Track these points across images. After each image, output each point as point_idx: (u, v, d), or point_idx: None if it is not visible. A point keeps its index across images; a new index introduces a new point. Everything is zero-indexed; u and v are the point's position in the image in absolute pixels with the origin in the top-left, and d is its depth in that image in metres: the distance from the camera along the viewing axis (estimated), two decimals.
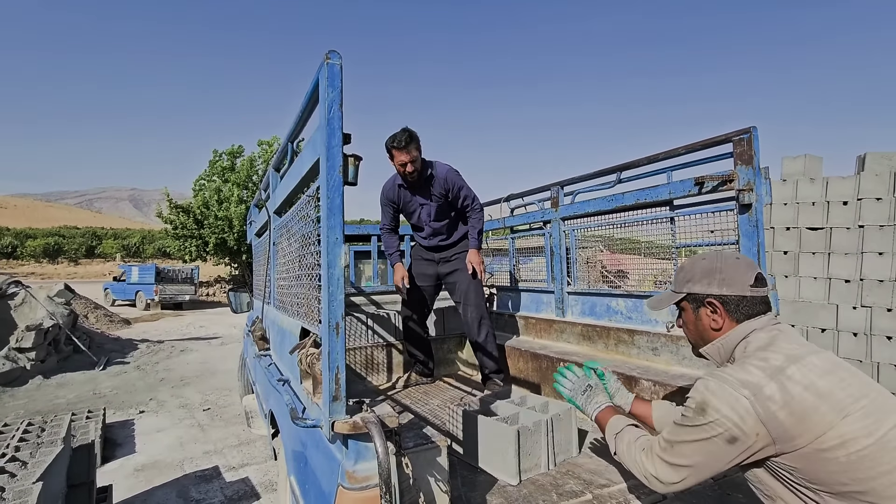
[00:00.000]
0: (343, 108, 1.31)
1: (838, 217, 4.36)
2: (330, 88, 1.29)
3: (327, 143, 1.29)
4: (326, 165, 1.30)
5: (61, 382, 6.70)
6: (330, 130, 1.29)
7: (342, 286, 1.29)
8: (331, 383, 1.27)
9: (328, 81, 1.29)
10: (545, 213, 3.60)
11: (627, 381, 2.47)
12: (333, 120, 1.29)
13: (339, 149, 1.30)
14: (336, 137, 1.30)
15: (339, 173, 1.29)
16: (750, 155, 2.21)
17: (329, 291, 1.28)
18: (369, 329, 3.73)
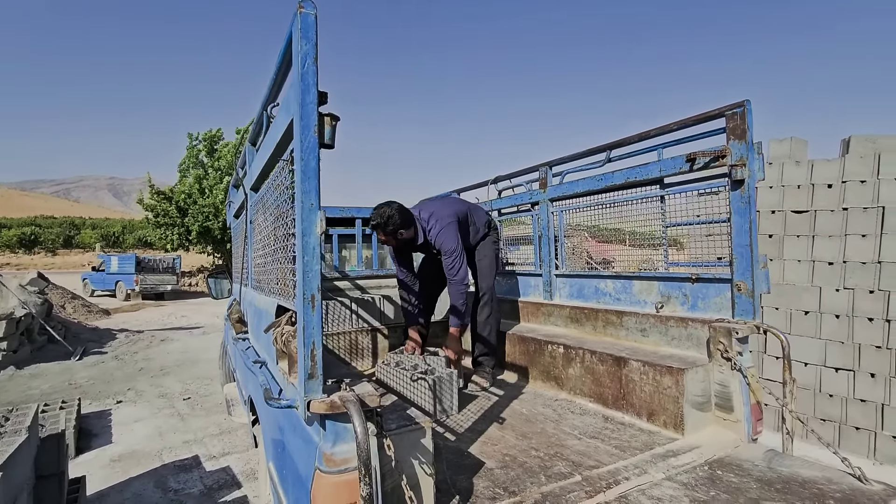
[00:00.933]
0: (318, 62, 1.21)
1: (823, 200, 4.37)
2: (304, 41, 1.19)
3: (301, 100, 1.19)
4: (301, 125, 1.20)
5: (35, 373, 6.49)
6: (304, 87, 1.19)
7: (318, 256, 1.19)
8: (306, 360, 1.18)
9: (302, 33, 1.19)
10: (533, 195, 3.52)
11: (616, 363, 2.42)
12: (308, 75, 1.19)
13: (313, 107, 1.20)
14: (311, 94, 1.19)
15: (314, 134, 1.19)
16: (743, 129, 2.15)
17: (304, 261, 1.19)
18: (353, 314, 3.63)
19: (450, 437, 2.22)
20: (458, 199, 3.42)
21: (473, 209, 3.25)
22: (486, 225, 3.23)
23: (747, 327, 2.11)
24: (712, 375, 2.19)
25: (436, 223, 2.86)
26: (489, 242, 3.20)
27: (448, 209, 2.96)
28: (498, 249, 3.27)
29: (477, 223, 3.20)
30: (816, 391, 4.30)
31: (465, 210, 3.14)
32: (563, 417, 2.44)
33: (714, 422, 2.19)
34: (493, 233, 3.26)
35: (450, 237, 2.81)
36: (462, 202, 3.33)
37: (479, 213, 3.27)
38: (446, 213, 2.89)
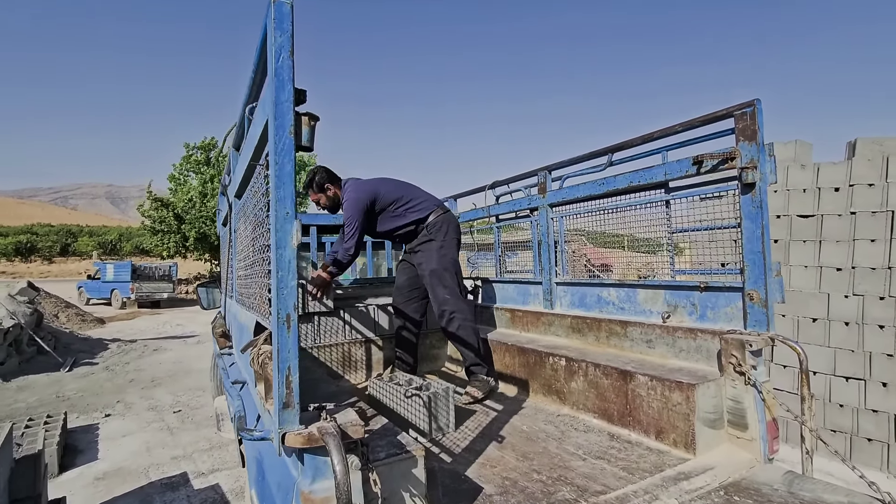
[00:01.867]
0: (294, 56, 1.09)
1: (830, 204, 4.26)
2: (278, 32, 1.07)
3: (275, 97, 1.07)
4: (275, 125, 1.07)
5: (22, 385, 6.33)
6: (278, 83, 1.07)
7: (294, 270, 1.07)
8: (280, 387, 1.05)
9: (276, 24, 1.07)
10: (532, 200, 3.41)
11: (622, 377, 2.29)
12: (282, 70, 1.07)
13: (289, 105, 1.08)
14: (285, 91, 1.07)
15: (289, 134, 1.07)
16: (753, 130, 2.04)
17: (279, 277, 1.06)
18: (347, 324, 3.50)
19: (445, 459, 2.09)
20: (397, 184, 3.13)
21: (415, 198, 3.03)
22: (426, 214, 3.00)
23: (761, 339, 1.98)
24: (724, 391, 2.07)
25: (345, 193, 2.93)
26: (431, 247, 2.97)
27: (364, 185, 2.95)
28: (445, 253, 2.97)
29: (412, 213, 3.00)
30: (826, 401, 4.18)
31: (398, 196, 2.99)
32: (566, 435, 2.30)
33: (727, 440, 2.06)
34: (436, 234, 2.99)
35: (347, 209, 2.87)
36: (401, 188, 3.07)
37: (425, 206, 3.02)
38: (357, 188, 2.91)
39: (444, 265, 2.97)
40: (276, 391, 1.08)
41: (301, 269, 3.90)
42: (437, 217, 3.02)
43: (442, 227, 3.01)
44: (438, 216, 3.03)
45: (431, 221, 3.01)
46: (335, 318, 3.46)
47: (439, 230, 3.00)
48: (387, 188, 3.01)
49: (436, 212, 3.04)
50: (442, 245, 2.99)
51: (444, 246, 2.99)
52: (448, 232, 3.02)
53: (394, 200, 2.99)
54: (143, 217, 20.53)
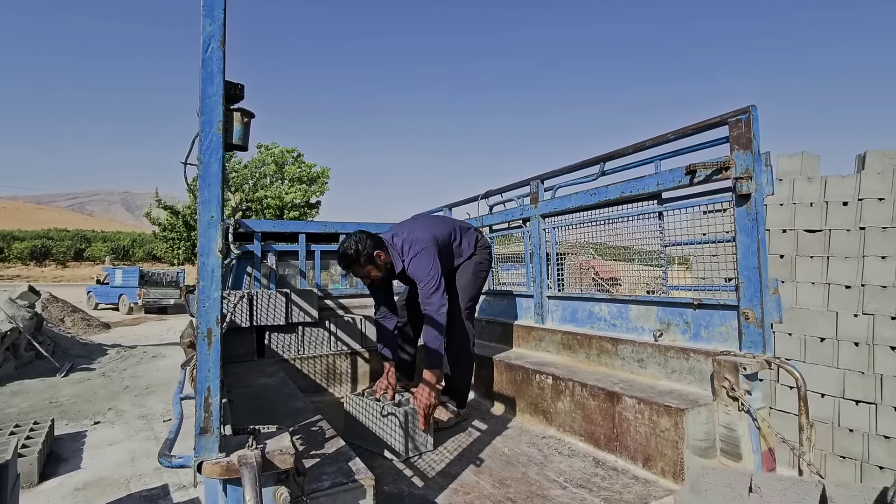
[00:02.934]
0: (226, 46, 1.00)
1: (838, 218, 4.09)
2: (207, 20, 0.99)
3: (203, 91, 0.98)
4: (202, 120, 0.99)
5: (16, 390, 6.29)
6: (206, 74, 0.99)
7: (218, 280, 0.97)
8: (199, 410, 0.95)
9: (205, 10, 0.99)
10: (524, 210, 3.30)
11: (609, 398, 2.16)
12: (210, 61, 0.99)
13: (217, 99, 0.99)
14: (214, 84, 0.99)
15: (217, 131, 0.98)
16: (748, 138, 1.92)
17: (201, 287, 0.96)
18: (332, 335, 3.40)
19: (417, 483, 1.96)
20: (440, 218, 3.04)
21: (462, 229, 2.92)
22: (474, 245, 2.92)
23: (756, 362, 1.84)
24: (717, 416, 1.92)
25: (410, 248, 2.53)
26: (472, 263, 2.88)
27: (424, 231, 2.62)
28: (482, 270, 2.91)
29: (464, 245, 2.88)
30: (835, 425, 3.97)
31: (449, 231, 2.79)
32: (548, 459, 2.17)
33: None
34: (481, 252, 2.92)
35: (423, 264, 2.46)
36: (445, 221, 2.96)
37: (469, 232, 2.95)
38: (422, 237, 2.55)
39: (475, 283, 2.87)
40: (196, 414, 0.98)
41: (289, 277, 3.82)
42: (482, 240, 2.98)
43: (485, 249, 2.96)
44: (482, 239, 2.99)
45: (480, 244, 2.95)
46: (320, 328, 3.37)
47: (485, 249, 2.95)
48: (438, 229, 2.74)
49: (479, 238, 2.98)
50: (481, 262, 2.91)
51: (482, 263, 2.91)
52: (488, 255, 2.97)
53: (448, 239, 2.78)
54: (152, 224, 20.75)
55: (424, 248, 2.51)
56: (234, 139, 1.01)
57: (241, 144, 1.03)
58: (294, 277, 3.87)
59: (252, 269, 3.52)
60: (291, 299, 3.23)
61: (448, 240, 2.76)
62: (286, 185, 20.22)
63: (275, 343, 3.19)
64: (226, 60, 1.01)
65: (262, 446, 1.01)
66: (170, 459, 1.06)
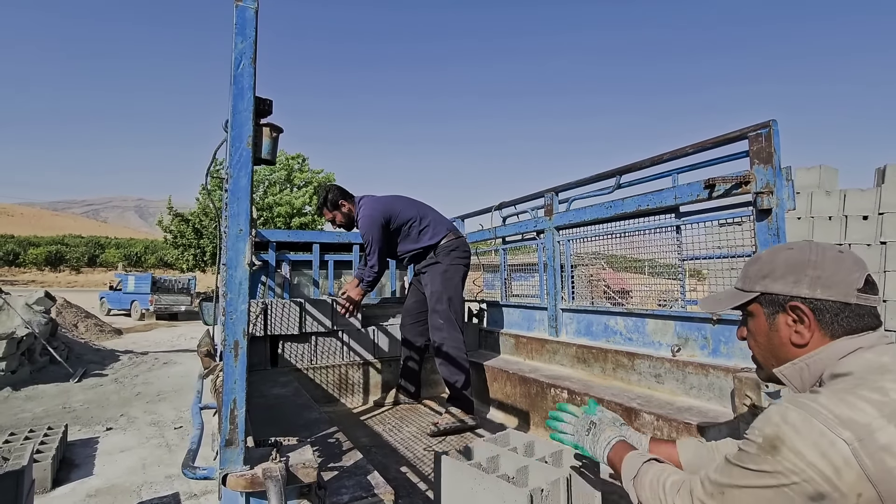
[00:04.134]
0: (256, 63, 1.02)
1: (857, 232, 4.03)
2: (239, 38, 1.01)
3: (233, 106, 1.00)
4: (232, 135, 1.00)
5: (31, 395, 6.36)
6: (237, 91, 1.00)
7: (245, 293, 0.98)
8: (224, 422, 0.95)
9: (237, 29, 1.01)
10: (538, 222, 3.29)
11: (626, 414, 2.13)
12: (242, 77, 1.01)
13: (248, 114, 1.00)
14: (245, 100, 1.01)
15: (247, 146, 1.00)
16: (769, 153, 1.91)
17: (228, 299, 0.97)
18: (345, 345, 3.41)
19: (431, 497, 1.94)
20: (411, 203, 3.07)
21: (431, 220, 2.99)
22: (438, 239, 2.93)
23: None
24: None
25: (361, 210, 2.94)
26: (436, 271, 2.89)
27: (378, 203, 2.93)
28: (451, 276, 2.88)
29: (424, 235, 2.94)
30: None
31: (412, 216, 2.95)
32: None
33: None
34: (446, 257, 2.90)
35: (364, 226, 2.88)
36: (415, 207, 3.02)
37: (437, 226, 2.97)
38: (373, 206, 2.89)
39: (445, 288, 2.88)
40: (223, 426, 0.99)
41: (301, 285, 3.84)
42: (448, 241, 2.96)
43: (452, 251, 2.94)
44: (450, 240, 2.96)
45: (442, 244, 2.94)
46: (333, 338, 3.37)
47: (447, 254, 2.93)
48: (401, 206, 2.97)
49: (447, 236, 2.98)
50: (446, 269, 2.91)
51: (448, 270, 2.91)
52: (456, 256, 2.95)
53: (408, 220, 2.94)
54: (164, 231, 21.05)
55: (368, 214, 2.87)
56: (262, 154, 1.03)
57: (269, 159, 1.04)
58: (307, 287, 3.89)
59: (266, 279, 3.55)
60: (305, 309, 3.25)
61: (406, 222, 2.95)
62: (296, 192, 20.45)
63: (288, 352, 3.20)
64: (256, 77, 1.02)
65: (285, 459, 1.01)
66: (194, 471, 1.06)
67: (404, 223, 2.94)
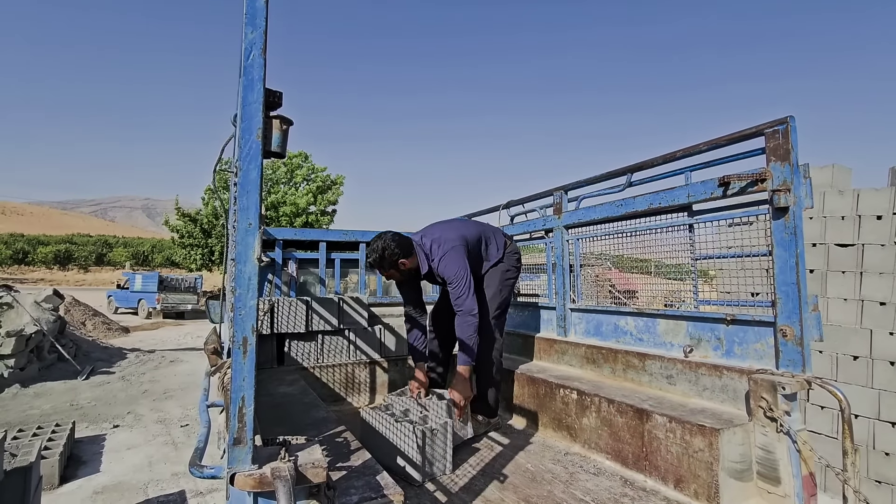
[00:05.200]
0: (266, 54, 1.00)
1: (871, 233, 3.96)
2: (249, 28, 0.99)
3: (243, 98, 0.98)
4: (241, 127, 0.98)
5: (39, 392, 6.40)
6: (247, 82, 0.98)
7: (254, 288, 0.96)
8: (233, 420, 0.93)
9: (247, 19, 0.99)
10: (547, 221, 3.26)
11: (638, 416, 2.09)
12: (252, 69, 0.98)
13: (257, 106, 0.98)
14: (255, 91, 0.98)
15: (256, 138, 0.98)
16: (786, 150, 1.87)
17: (237, 295, 0.95)
18: (351, 344, 3.39)
19: (440, 498, 1.92)
20: (468, 221, 3.03)
21: (490, 232, 2.87)
22: (502, 250, 2.85)
23: (796, 382, 1.77)
24: (753, 437, 1.85)
25: (438, 248, 2.56)
26: (498, 270, 2.81)
27: (453, 232, 2.64)
28: (510, 278, 2.84)
29: (492, 248, 2.82)
30: (870, 448, 3.81)
31: (478, 233, 2.77)
32: (574, 477, 2.11)
33: (756, 494, 1.83)
34: (509, 258, 2.85)
35: (453, 262, 2.50)
36: (474, 224, 2.94)
37: (497, 236, 2.88)
38: (451, 237, 2.59)
39: (501, 292, 2.79)
40: (231, 424, 0.96)
41: (308, 284, 3.83)
42: (511, 246, 2.90)
43: (514, 254, 2.89)
44: (511, 245, 2.91)
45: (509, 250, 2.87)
46: (340, 337, 3.35)
47: (511, 256, 2.87)
48: (467, 231, 2.74)
49: (506, 242, 2.91)
50: (508, 270, 2.83)
51: (509, 271, 2.84)
52: (517, 260, 2.89)
53: (477, 239, 2.76)
54: (171, 231, 21.14)
55: (453, 247, 2.54)
56: (272, 146, 1.01)
57: (279, 152, 1.02)
58: (314, 285, 3.87)
59: (273, 277, 3.53)
60: (312, 307, 3.23)
61: (476, 242, 2.73)
62: (300, 191, 20.47)
63: (294, 351, 3.19)
64: (266, 68, 1.00)
65: (294, 458, 0.99)
66: (201, 470, 1.04)
67: (475, 244, 2.73)
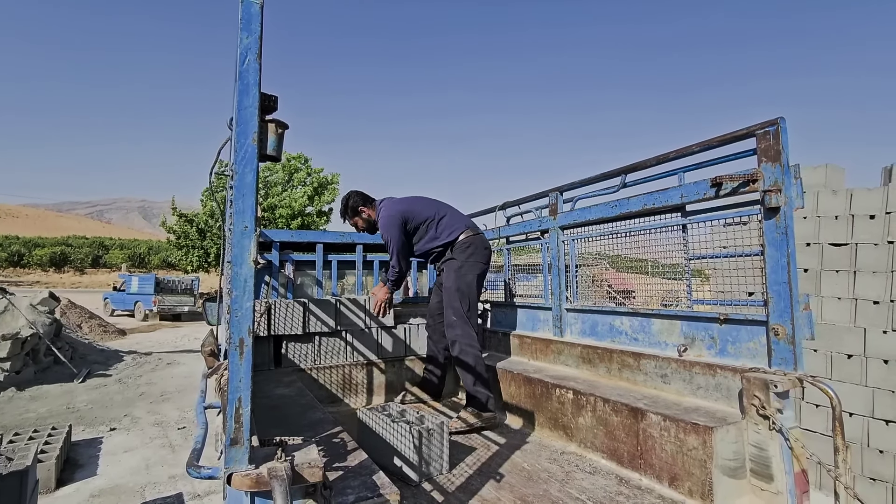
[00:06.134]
0: (262, 59, 1.01)
1: (864, 232, 4.00)
2: (244, 33, 1.00)
3: (239, 102, 0.99)
4: (237, 131, 0.99)
5: (35, 395, 6.38)
6: (242, 86, 0.99)
7: (251, 290, 0.97)
8: (230, 421, 0.94)
9: (243, 24, 1.00)
10: (542, 222, 3.28)
11: (633, 415, 2.11)
12: (247, 73, 1.00)
13: (253, 111, 0.99)
14: (250, 96, 1.00)
15: (252, 142, 0.99)
16: (777, 150, 1.89)
17: (233, 296, 0.96)
18: (348, 346, 3.39)
19: (436, 498, 1.93)
20: (429, 202, 3.11)
21: (449, 219, 3.00)
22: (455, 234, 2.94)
23: (788, 380, 1.79)
24: (746, 435, 1.87)
25: (381, 212, 3.02)
26: (451, 266, 2.91)
27: (398, 205, 3.01)
28: (466, 273, 2.87)
29: (442, 234, 2.95)
30: (864, 446, 3.84)
31: (429, 215, 2.99)
32: (570, 476, 2.12)
33: (749, 492, 1.85)
34: (459, 253, 2.90)
35: (384, 228, 2.95)
36: (432, 207, 3.05)
37: (454, 226, 2.97)
38: (392, 208, 2.99)
39: (459, 286, 2.87)
40: (227, 424, 0.97)
41: (304, 285, 3.83)
42: (465, 237, 2.96)
43: (467, 248, 2.93)
44: (467, 237, 2.96)
45: (459, 241, 2.95)
46: (337, 338, 3.36)
47: (463, 251, 2.92)
48: (420, 206, 3.04)
49: (465, 232, 2.97)
50: (461, 266, 2.90)
51: (463, 266, 2.90)
52: (472, 253, 2.93)
53: (425, 219, 2.99)
54: (167, 232, 21.08)
55: (388, 215, 2.96)
56: (268, 150, 1.02)
57: (274, 155, 1.03)
58: (311, 287, 3.88)
59: (270, 279, 3.54)
60: (309, 309, 3.24)
61: (423, 221, 2.99)
62: (298, 193, 20.44)
63: (292, 352, 3.19)
64: (262, 72, 1.01)
65: (290, 458, 1.00)
66: (199, 470, 1.05)
67: (422, 222, 2.99)
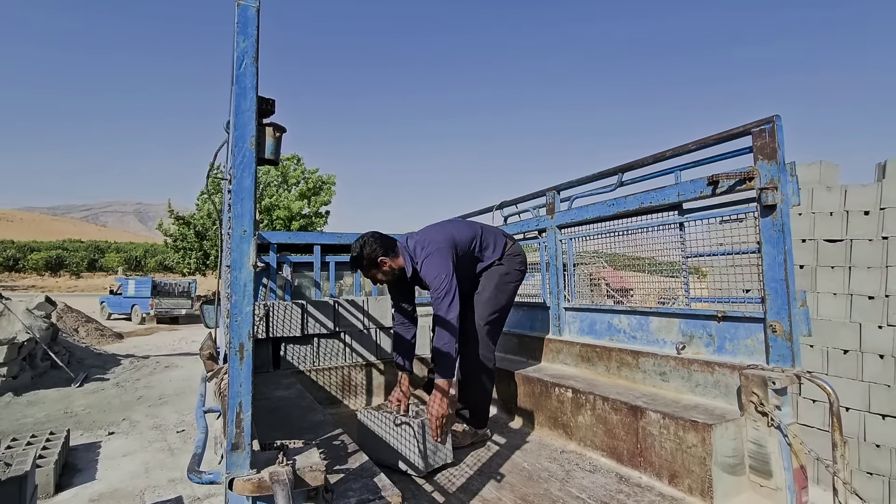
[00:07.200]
0: (259, 62, 1.01)
1: (859, 228, 4.02)
2: (241, 37, 1.00)
3: (236, 106, 0.99)
4: (234, 135, 0.99)
5: (32, 400, 6.35)
6: (240, 90, 0.99)
7: (250, 295, 0.97)
8: (230, 426, 0.94)
9: (239, 28, 1.00)
10: (540, 221, 3.28)
11: (632, 413, 2.12)
12: (244, 77, 0.99)
13: (250, 114, 0.99)
14: (247, 99, 0.99)
15: (250, 146, 0.99)
16: (773, 148, 1.90)
17: (233, 301, 0.96)
18: (347, 347, 3.39)
19: (437, 499, 1.93)
20: (462, 222, 2.80)
21: (489, 233, 2.69)
22: (501, 251, 2.66)
23: (785, 376, 1.80)
24: (745, 432, 1.88)
25: (422, 251, 2.37)
26: (496, 271, 2.64)
27: (439, 234, 2.46)
28: (509, 281, 2.64)
29: (488, 251, 2.64)
30: (861, 440, 3.86)
31: (472, 235, 2.57)
32: (570, 475, 2.13)
33: (749, 488, 1.86)
34: (510, 261, 2.66)
35: (434, 265, 2.29)
36: (467, 225, 2.70)
37: (497, 237, 2.70)
38: (436, 239, 2.40)
39: (498, 295, 2.60)
40: (228, 430, 0.97)
41: (302, 287, 3.83)
42: (511, 247, 2.70)
43: (516, 256, 2.69)
44: (511, 246, 2.71)
45: (507, 252, 2.67)
46: (336, 340, 3.36)
47: (512, 259, 2.67)
48: (458, 232, 2.56)
49: (507, 243, 2.72)
50: (508, 272, 2.64)
51: (509, 273, 2.64)
52: (519, 262, 2.69)
53: (470, 240, 2.57)
54: (164, 235, 20.99)
55: (437, 248, 2.35)
56: (266, 154, 1.02)
57: (272, 159, 1.03)
58: (309, 289, 3.87)
59: (268, 281, 3.53)
60: (307, 310, 3.24)
61: (469, 244, 2.55)
62: (293, 195, 20.37)
63: (291, 354, 3.19)
64: (258, 76, 1.01)
65: (292, 462, 1.00)
66: (199, 475, 1.05)
67: (467, 246, 2.54)
